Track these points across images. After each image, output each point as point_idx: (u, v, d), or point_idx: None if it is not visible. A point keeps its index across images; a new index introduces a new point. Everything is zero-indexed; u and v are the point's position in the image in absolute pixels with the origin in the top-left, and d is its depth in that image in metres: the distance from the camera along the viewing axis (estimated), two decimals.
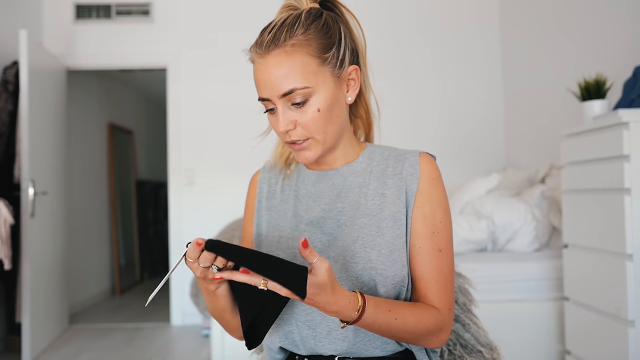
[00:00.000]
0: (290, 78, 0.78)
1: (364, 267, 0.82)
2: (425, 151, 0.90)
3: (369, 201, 0.87)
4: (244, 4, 3.73)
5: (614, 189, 1.64)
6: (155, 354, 3.01)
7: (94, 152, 4.70)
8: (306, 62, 0.78)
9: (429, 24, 3.81)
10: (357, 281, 0.83)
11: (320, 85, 0.80)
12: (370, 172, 0.90)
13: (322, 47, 0.80)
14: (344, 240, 0.85)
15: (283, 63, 0.78)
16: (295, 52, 0.78)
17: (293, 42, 0.78)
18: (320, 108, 0.80)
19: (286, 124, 0.81)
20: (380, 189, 0.87)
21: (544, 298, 2.23)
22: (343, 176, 0.90)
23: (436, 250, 0.84)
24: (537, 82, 3.23)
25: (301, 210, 0.91)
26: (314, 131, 0.82)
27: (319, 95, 0.80)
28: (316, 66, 0.79)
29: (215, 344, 2.28)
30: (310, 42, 0.79)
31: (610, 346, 1.67)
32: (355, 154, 0.92)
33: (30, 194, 2.91)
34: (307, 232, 0.88)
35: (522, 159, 3.46)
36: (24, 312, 2.85)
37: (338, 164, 0.91)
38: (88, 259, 4.47)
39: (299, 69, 0.78)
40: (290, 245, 0.88)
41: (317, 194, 0.91)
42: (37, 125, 3.06)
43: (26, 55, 2.92)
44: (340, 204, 0.88)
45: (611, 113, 1.68)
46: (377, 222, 0.85)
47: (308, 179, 0.93)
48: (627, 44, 2.30)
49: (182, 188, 3.79)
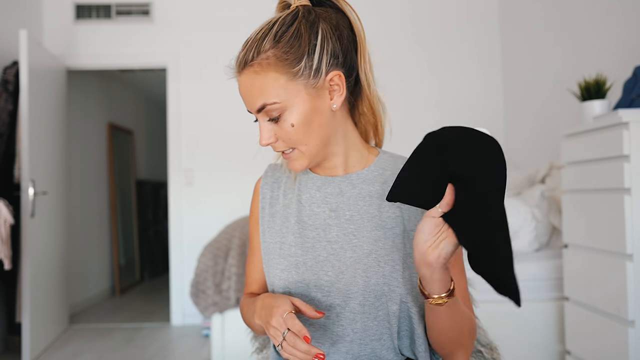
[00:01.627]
0: (260, 95, 0.79)
1: (377, 282, 0.81)
2: None
3: (383, 213, 0.85)
4: (244, 4, 3.73)
5: (614, 189, 1.64)
6: (155, 354, 3.01)
7: (94, 152, 4.69)
8: (275, 78, 0.78)
9: (429, 24, 3.80)
10: (368, 295, 0.82)
11: (292, 100, 0.79)
12: (384, 182, 0.87)
13: (290, 61, 0.78)
14: (354, 252, 0.83)
15: (253, 81, 0.79)
16: (263, 70, 0.78)
17: (261, 59, 0.78)
18: (294, 123, 0.80)
19: (266, 137, 0.82)
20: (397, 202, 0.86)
21: (544, 298, 2.23)
22: (352, 183, 0.88)
23: (456, 263, 0.85)
24: (537, 82, 3.23)
25: (304, 216, 0.89)
26: (294, 143, 0.82)
27: (292, 110, 0.79)
28: (285, 81, 0.78)
29: (215, 344, 2.28)
30: (278, 57, 0.78)
31: (610, 346, 1.67)
32: (366, 161, 0.90)
33: (30, 194, 2.91)
34: (311, 238, 0.86)
35: (522, 159, 3.46)
36: (24, 312, 2.85)
37: (346, 170, 0.89)
38: (88, 259, 4.47)
39: (269, 85, 0.78)
40: (293, 252, 0.86)
41: (321, 199, 0.89)
42: (37, 125, 3.06)
43: (26, 55, 2.92)
44: (349, 211, 0.86)
45: (611, 113, 1.68)
46: (392, 237, 0.83)
47: (313, 184, 0.91)
48: (627, 44, 2.29)
49: (182, 188, 3.79)
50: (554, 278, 2.21)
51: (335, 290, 0.83)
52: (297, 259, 0.85)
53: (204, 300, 2.30)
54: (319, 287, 0.84)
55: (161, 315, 3.93)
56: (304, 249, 0.86)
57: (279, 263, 0.88)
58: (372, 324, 0.82)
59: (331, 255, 0.84)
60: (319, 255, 0.85)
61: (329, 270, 0.84)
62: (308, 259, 0.85)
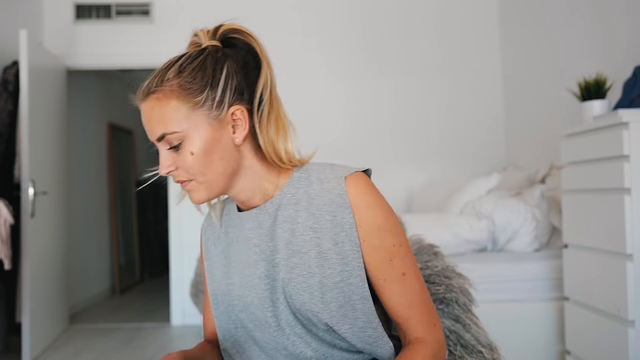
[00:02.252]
0: (159, 123, 0.79)
1: (300, 309, 0.80)
2: (351, 170, 0.84)
3: (297, 237, 0.82)
4: (243, 4, 3.73)
5: (614, 189, 1.64)
6: (155, 354, 3.01)
7: (94, 152, 4.69)
8: (176, 107, 0.79)
9: (429, 24, 3.80)
10: (300, 324, 0.82)
11: (193, 130, 0.79)
12: (295, 204, 0.84)
13: (192, 90, 0.79)
14: (282, 282, 0.82)
15: (154, 108, 0.80)
16: (166, 97, 0.79)
17: (164, 88, 0.79)
18: (193, 151, 0.79)
19: (166, 166, 0.82)
20: (309, 222, 0.82)
21: (544, 298, 2.23)
22: (268, 212, 0.85)
23: (400, 275, 0.82)
24: (537, 82, 3.23)
25: (235, 254, 0.88)
26: (193, 174, 0.81)
27: (192, 139, 0.79)
28: (187, 110, 0.79)
29: None
30: (181, 86, 0.79)
31: (610, 346, 1.67)
32: (276, 187, 0.87)
33: (30, 194, 2.91)
34: (250, 276, 0.85)
35: (522, 159, 3.46)
36: (24, 312, 2.85)
37: (260, 201, 0.87)
38: (88, 259, 4.47)
39: (170, 113, 0.79)
40: (240, 293, 0.86)
41: (245, 236, 0.87)
42: (37, 125, 3.06)
43: (26, 55, 2.92)
44: (271, 242, 0.84)
45: (611, 113, 1.68)
46: (307, 262, 0.80)
47: (236, 222, 0.90)
48: (627, 44, 2.30)
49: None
50: (554, 278, 2.21)
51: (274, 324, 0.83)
52: (245, 301, 0.85)
53: (204, 300, 2.29)
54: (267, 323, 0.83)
55: (161, 315, 3.93)
56: (248, 289, 0.85)
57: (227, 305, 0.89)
58: (308, 349, 0.82)
59: (266, 291, 0.83)
60: (260, 293, 0.84)
61: (269, 307, 0.83)
62: (254, 297, 0.84)
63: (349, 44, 3.79)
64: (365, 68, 3.77)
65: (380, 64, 3.79)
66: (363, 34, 3.79)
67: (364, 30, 3.79)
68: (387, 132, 3.79)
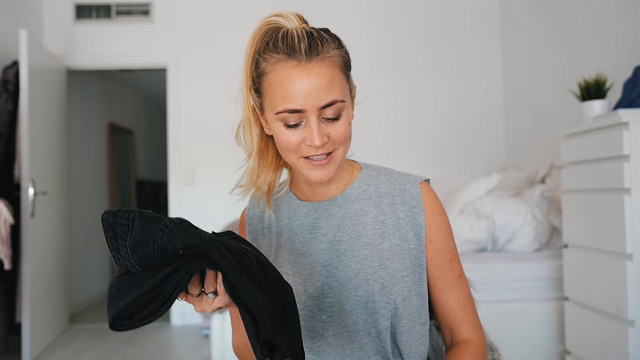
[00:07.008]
0: (331, 90, 0.75)
1: (367, 300, 0.81)
2: (422, 178, 0.89)
3: (368, 230, 0.85)
4: (244, 4, 3.73)
5: (614, 189, 1.64)
6: (155, 354, 3.01)
7: (94, 152, 4.69)
8: (340, 76, 0.78)
9: (430, 25, 3.80)
10: (360, 313, 0.82)
11: (348, 101, 0.80)
12: (367, 199, 0.87)
13: (348, 64, 0.81)
14: (345, 272, 0.83)
15: (326, 73, 0.75)
16: (333, 64, 0.77)
17: (331, 54, 0.77)
18: (350, 122, 0.80)
19: (322, 137, 0.76)
20: (380, 217, 0.85)
21: (544, 298, 2.23)
22: (339, 205, 0.88)
23: (457, 276, 0.87)
24: (537, 82, 3.23)
25: (297, 243, 0.89)
26: (340, 144, 0.80)
27: (348, 110, 0.80)
28: (345, 81, 0.80)
29: (215, 344, 2.28)
30: (342, 57, 0.79)
31: (610, 346, 1.67)
32: (350, 179, 0.90)
33: (30, 194, 2.91)
34: (307, 265, 0.86)
35: (522, 159, 3.46)
36: (24, 312, 2.85)
37: (332, 193, 0.89)
38: (88, 259, 4.47)
39: (338, 81, 0.77)
40: (291, 281, 0.86)
41: (311, 225, 0.88)
42: (37, 125, 3.06)
43: (26, 55, 2.92)
44: (339, 233, 0.86)
45: (611, 113, 1.67)
46: (379, 254, 0.83)
47: (300, 211, 0.90)
48: (627, 44, 2.29)
49: (182, 188, 3.79)
50: (554, 278, 2.21)
51: (336, 311, 0.84)
52: (297, 288, 0.85)
53: None
54: (322, 310, 0.84)
55: None
56: (302, 277, 0.86)
57: None
58: (366, 340, 0.83)
59: (328, 279, 0.84)
60: (317, 281, 0.85)
61: (329, 293, 0.84)
62: (308, 286, 0.85)
63: (349, 46, 3.78)
64: (366, 69, 3.77)
65: (380, 65, 3.79)
66: (366, 37, 3.79)
67: (367, 32, 3.79)
68: (386, 132, 3.79)
